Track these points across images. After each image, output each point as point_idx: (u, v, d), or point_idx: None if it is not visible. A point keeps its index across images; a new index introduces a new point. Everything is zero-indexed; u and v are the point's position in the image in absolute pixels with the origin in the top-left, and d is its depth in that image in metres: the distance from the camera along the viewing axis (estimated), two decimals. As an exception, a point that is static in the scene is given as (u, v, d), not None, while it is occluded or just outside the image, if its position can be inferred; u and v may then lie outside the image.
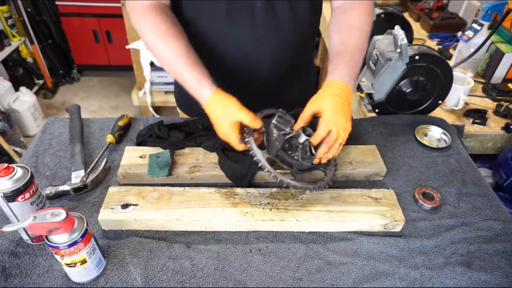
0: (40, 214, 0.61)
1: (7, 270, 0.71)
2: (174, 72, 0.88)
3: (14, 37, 2.86)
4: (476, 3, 1.98)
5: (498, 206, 0.89)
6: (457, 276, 0.74)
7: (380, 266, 0.75)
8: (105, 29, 3.19)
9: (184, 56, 0.86)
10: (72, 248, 0.63)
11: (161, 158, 0.91)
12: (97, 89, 3.44)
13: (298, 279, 0.73)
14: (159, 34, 0.86)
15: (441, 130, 1.09)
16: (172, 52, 0.86)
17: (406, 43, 1.01)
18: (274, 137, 0.81)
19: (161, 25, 0.87)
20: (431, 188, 0.92)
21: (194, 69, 0.85)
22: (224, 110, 0.82)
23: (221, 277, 0.72)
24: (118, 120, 1.06)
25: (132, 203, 0.81)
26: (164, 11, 0.90)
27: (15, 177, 0.67)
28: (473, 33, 1.54)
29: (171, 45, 0.86)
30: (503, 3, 1.49)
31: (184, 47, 0.87)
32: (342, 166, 0.94)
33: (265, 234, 0.81)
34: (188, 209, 0.80)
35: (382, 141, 1.07)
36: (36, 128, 2.81)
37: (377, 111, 1.18)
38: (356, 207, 0.83)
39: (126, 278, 0.71)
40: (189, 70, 0.85)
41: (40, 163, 0.96)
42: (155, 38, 0.86)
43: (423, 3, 2.22)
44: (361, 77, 1.34)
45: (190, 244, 0.78)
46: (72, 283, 0.70)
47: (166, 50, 0.86)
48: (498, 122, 1.38)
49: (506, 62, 1.55)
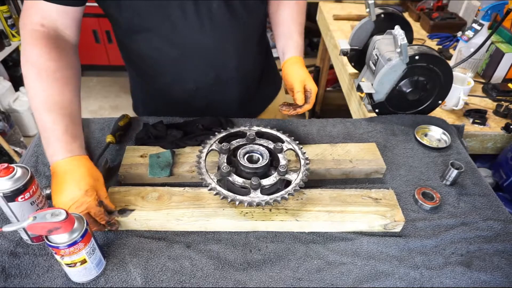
0: (40, 214, 0.61)
1: (7, 270, 0.71)
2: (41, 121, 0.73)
3: (14, 37, 2.86)
4: (476, 3, 1.98)
5: (498, 206, 0.89)
6: (457, 276, 0.74)
7: (380, 266, 0.75)
8: (105, 29, 3.19)
9: (65, 108, 0.74)
10: (72, 248, 0.63)
11: (162, 158, 0.91)
12: (97, 89, 3.44)
13: (298, 279, 0.73)
14: (42, 72, 0.74)
15: (441, 130, 1.09)
16: (51, 98, 0.73)
17: (406, 43, 1.01)
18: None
19: (50, 61, 0.75)
20: (431, 188, 0.92)
21: (72, 125, 0.75)
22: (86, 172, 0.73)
23: (221, 277, 0.72)
24: (119, 120, 1.06)
25: (129, 208, 0.80)
26: (60, 44, 0.78)
27: (15, 177, 0.67)
28: (473, 33, 1.54)
29: (54, 89, 0.74)
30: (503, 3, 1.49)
31: (70, 97, 0.76)
32: (342, 164, 0.94)
33: (265, 234, 0.81)
34: (188, 209, 0.80)
35: (382, 141, 1.07)
36: (36, 128, 2.81)
37: (377, 111, 1.17)
38: (356, 207, 0.83)
39: (126, 278, 0.71)
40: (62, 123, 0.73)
41: (40, 163, 0.96)
42: (36, 75, 0.74)
43: (423, 3, 2.22)
44: (361, 77, 1.34)
45: (190, 244, 0.78)
46: (72, 283, 0.70)
47: (45, 93, 0.73)
48: (498, 122, 1.38)
49: (506, 62, 1.55)
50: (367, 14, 1.26)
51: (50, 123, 0.73)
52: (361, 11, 2.27)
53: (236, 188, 0.80)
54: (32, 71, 0.74)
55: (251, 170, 0.80)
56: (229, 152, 0.86)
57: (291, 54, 1.03)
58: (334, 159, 0.95)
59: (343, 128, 1.11)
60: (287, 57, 1.03)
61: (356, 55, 1.37)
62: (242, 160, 0.82)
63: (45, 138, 0.74)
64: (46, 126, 0.73)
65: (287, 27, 1.06)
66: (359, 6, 2.36)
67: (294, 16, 1.07)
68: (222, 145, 0.86)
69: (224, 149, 0.85)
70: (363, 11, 2.26)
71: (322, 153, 0.97)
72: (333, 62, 2.08)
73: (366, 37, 1.32)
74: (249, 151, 0.85)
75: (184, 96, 1.09)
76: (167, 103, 1.13)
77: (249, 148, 0.85)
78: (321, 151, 0.98)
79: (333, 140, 1.06)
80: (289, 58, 1.03)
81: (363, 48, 1.33)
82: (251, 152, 0.86)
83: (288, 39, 1.05)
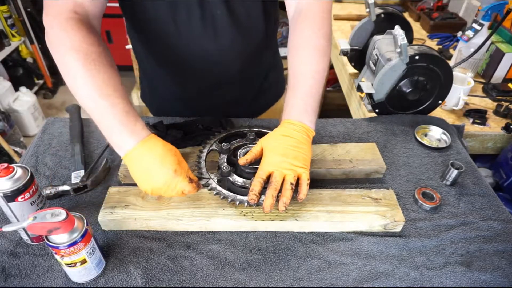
0: (40, 214, 0.61)
1: (7, 270, 0.71)
2: (97, 108, 0.70)
3: (14, 37, 2.87)
4: (476, 3, 1.98)
5: (498, 206, 0.89)
6: (457, 276, 0.74)
7: (380, 266, 0.75)
8: (105, 29, 3.19)
9: (117, 90, 0.71)
10: (72, 248, 0.63)
11: (161, 158, 0.91)
12: (97, 89, 3.44)
13: (298, 279, 0.73)
14: (88, 57, 0.70)
15: (441, 130, 1.09)
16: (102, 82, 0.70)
17: (406, 43, 1.01)
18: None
19: (91, 45, 0.71)
20: (431, 188, 0.92)
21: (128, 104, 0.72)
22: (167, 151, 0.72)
23: (221, 277, 0.72)
24: (118, 120, 1.05)
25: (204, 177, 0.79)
26: (94, 30, 0.76)
27: (15, 177, 0.67)
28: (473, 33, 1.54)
29: (103, 73, 0.70)
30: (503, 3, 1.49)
31: (118, 79, 0.73)
32: (342, 164, 0.94)
33: (265, 234, 0.81)
34: (188, 209, 0.80)
35: (382, 141, 1.07)
36: (36, 128, 2.81)
37: (377, 111, 1.18)
38: (356, 207, 0.83)
39: (126, 278, 0.71)
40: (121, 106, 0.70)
41: (40, 163, 0.96)
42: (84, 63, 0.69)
43: (423, 3, 2.22)
44: (361, 77, 1.34)
45: (190, 244, 0.78)
46: (72, 283, 0.70)
47: (94, 79, 0.69)
48: (498, 122, 1.38)
49: (506, 62, 1.55)
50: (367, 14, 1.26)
51: (109, 108, 0.69)
52: (361, 11, 2.27)
53: (236, 188, 0.80)
54: (77, 58, 0.69)
55: (251, 170, 0.80)
56: (229, 152, 0.86)
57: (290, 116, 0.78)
58: (334, 159, 0.95)
59: (343, 128, 1.11)
60: (284, 117, 0.80)
61: (356, 55, 1.37)
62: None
63: (107, 125, 0.70)
64: (105, 112, 0.69)
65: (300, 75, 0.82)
66: (359, 6, 2.37)
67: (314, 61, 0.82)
68: (222, 145, 0.86)
69: (224, 149, 0.85)
70: (363, 11, 2.26)
71: (322, 153, 0.97)
72: (333, 62, 2.08)
73: (366, 37, 1.32)
74: (249, 151, 0.85)
75: (184, 95, 1.09)
76: (169, 99, 1.13)
77: (249, 148, 0.85)
78: (321, 151, 0.97)
79: (333, 140, 1.06)
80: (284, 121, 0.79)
81: (363, 48, 1.33)
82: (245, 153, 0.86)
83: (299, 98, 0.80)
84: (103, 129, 0.71)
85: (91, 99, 0.69)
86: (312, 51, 0.82)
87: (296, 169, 0.73)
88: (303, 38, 0.83)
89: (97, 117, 0.70)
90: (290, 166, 0.73)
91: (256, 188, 0.72)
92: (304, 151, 0.76)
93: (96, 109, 0.70)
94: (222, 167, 0.80)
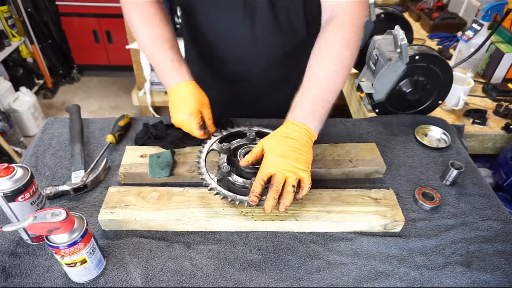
0: (40, 214, 0.61)
1: (7, 270, 0.71)
2: (152, 54, 0.89)
3: (14, 37, 2.87)
4: (476, 3, 1.98)
5: (498, 206, 0.89)
6: (457, 276, 0.74)
7: (380, 266, 0.75)
8: (105, 29, 3.19)
9: (168, 41, 0.88)
10: (72, 248, 0.63)
11: (162, 158, 0.91)
12: (97, 89, 3.44)
13: (298, 279, 0.73)
14: (146, 15, 0.88)
15: (441, 130, 1.09)
16: (156, 34, 0.87)
17: (406, 43, 1.01)
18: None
19: (150, 7, 0.88)
20: (431, 188, 0.92)
21: (176, 54, 0.87)
22: (192, 96, 0.85)
23: (221, 277, 0.72)
24: (119, 120, 1.06)
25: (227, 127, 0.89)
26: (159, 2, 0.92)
27: (15, 177, 0.67)
28: (473, 33, 1.54)
29: (156, 27, 0.88)
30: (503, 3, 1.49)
31: (169, 33, 0.89)
32: (342, 164, 0.94)
33: (265, 234, 0.81)
34: (188, 209, 0.80)
35: (382, 141, 1.07)
36: (36, 128, 2.81)
37: (377, 111, 1.18)
38: (356, 207, 0.83)
39: (126, 278, 0.71)
40: (169, 53, 0.86)
41: (40, 163, 0.96)
42: (141, 19, 0.88)
43: (423, 3, 2.23)
44: (361, 77, 1.34)
45: (190, 244, 0.78)
46: (72, 283, 0.70)
47: (150, 31, 0.87)
48: (498, 122, 1.38)
49: (506, 62, 1.55)
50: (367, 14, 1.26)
51: (159, 54, 0.87)
52: (361, 11, 2.27)
53: (236, 188, 0.80)
54: (138, 17, 0.88)
55: (251, 170, 0.80)
56: (229, 152, 0.86)
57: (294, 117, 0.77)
58: (334, 159, 0.95)
59: (343, 128, 1.11)
60: (289, 117, 0.79)
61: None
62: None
63: (157, 69, 0.89)
64: (156, 58, 0.88)
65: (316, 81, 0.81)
66: (359, 6, 2.36)
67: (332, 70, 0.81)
68: (222, 145, 0.86)
69: (224, 149, 0.85)
70: (363, 11, 2.25)
71: (322, 153, 0.97)
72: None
73: (366, 37, 1.32)
74: (249, 151, 0.85)
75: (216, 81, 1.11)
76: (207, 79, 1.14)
77: (249, 148, 0.85)
78: (321, 151, 0.97)
79: (333, 140, 1.06)
80: (287, 121, 0.78)
81: (363, 48, 1.33)
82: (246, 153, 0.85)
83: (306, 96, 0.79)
84: (156, 72, 0.91)
85: (146, 48, 0.90)
86: (333, 59, 0.80)
87: (298, 172, 0.73)
88: (327, 45, 0.82)
89: (152, 62, 0.91)
90: (291, 168, 0.72)
91: (257, 189, 0.72)
92: (306, 153, 0.75)
93: (151, 56, 0.89)
94: (222, 167, 0.80)
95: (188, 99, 0.85)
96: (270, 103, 1.17)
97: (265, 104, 1.17)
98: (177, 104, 0.86)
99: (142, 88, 2.66)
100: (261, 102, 1.17)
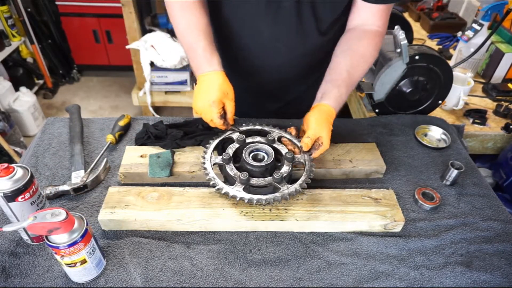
0: (40, 214, 0.61)
1: (7, 270, 0.71)
2: (186, 40, 0.92)
3: (14, 37, 2.86)
4: (476, 3, 1.98)
5: (498, 206, 0.89)
6: (457, 276, 0.74)
7: (380, 266, 0.75)
8: (105, 29, 3.18)
9: (203, 30, 0.91)
10: (72, 248, 0.63)
11: (162, 158, 0.91)
12: (97, 89, 3.44)
13: (298, 279, 0.73)
14: (185, 2, 0.90)
15: (441, 130, 1.09)
16: (192, 21, 0.90)
17: (406, 43, 1.01)
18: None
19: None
20: (431, 188, 0.92)
21: (209, 43, 0.90)
22: (218, 86, 0.86)
23: (221, 277, 0.72)
24: (119, 120, 1.06)
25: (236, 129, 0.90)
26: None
27: (15, 177, 0.67)
28: (473, 33, 1.54)
29: (193, 15, 0.91)
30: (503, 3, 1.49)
31: (205, 22, 0.92)
32: (342, 164, 0.94)
33: (265, 234, 0.81)
34: (188, 209, 0.80)
35: (382, 141, 1.07)
36: (36, 128, 2.81)
37: (377, 111, 1.18)
38: (356, 207, 0.83)
39: (126, 278, 0.71)
40: (202, 41, 0.89)
41: (40, 163, 0.96)
42: (180, 5, 0.91)
43: (423, 3, 2.23)
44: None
45: (190, 244, 0.78)
46: (72, 283, 0.70)
47: (187, 17, 0.90)
48: (498, 122, 1.38)
49: (506, 62, 1.55)
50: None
51: (193, 42, 0.90)
52: (361, 11, 2.26)
53: (229, 176, 0.82)
54: (177, 3, 0.91)
55: (251, 167, 0.82)
56: (242, 143, 0.88)
57: (330, 103, 0.92)
58: (334, 159, 0.95)
59: (343, 128, 1.11)
60: (324, 102, 0.92)
61: (356, 55, 1.36)
62: (247, 158, 0.83)
63: (190, 55, 0.92)
64: (189, 45, 0.91)
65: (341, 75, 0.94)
66: (359, 6, 2.36)
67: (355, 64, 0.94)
68: (239, 136, 0.88)
69: (240, 140, 0.87)
70: (363, 11, 2.25)
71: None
72: (333, 62, 2.08)
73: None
74: (254, 149, 0.86)
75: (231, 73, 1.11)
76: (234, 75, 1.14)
77: (255, 147, 0.87)
78: (321, 151, 0.97)
79: (333, 140, 1.06)
80: (324, 105, 0.92)
81: (363, 48, 1.33)
82: (256, 150, 0.87)
83: (335, 87, 0.93)
84: (188, 56, 0.94)
85: (182, 35, 0.92)
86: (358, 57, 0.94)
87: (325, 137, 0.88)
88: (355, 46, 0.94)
89: (185, 49, 0.94)
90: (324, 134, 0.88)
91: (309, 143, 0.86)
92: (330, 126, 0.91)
93: (186, 43, 0.92)
94: (223, 154, 0.83)
95: (213, 89, 0.86)
96: (281, 100, 1.18)
97: (276, 100, 1.18)
98: (201, 92, 0.87)
99: (142, 88, 2.66)
100: (273, 98, 1.17)
